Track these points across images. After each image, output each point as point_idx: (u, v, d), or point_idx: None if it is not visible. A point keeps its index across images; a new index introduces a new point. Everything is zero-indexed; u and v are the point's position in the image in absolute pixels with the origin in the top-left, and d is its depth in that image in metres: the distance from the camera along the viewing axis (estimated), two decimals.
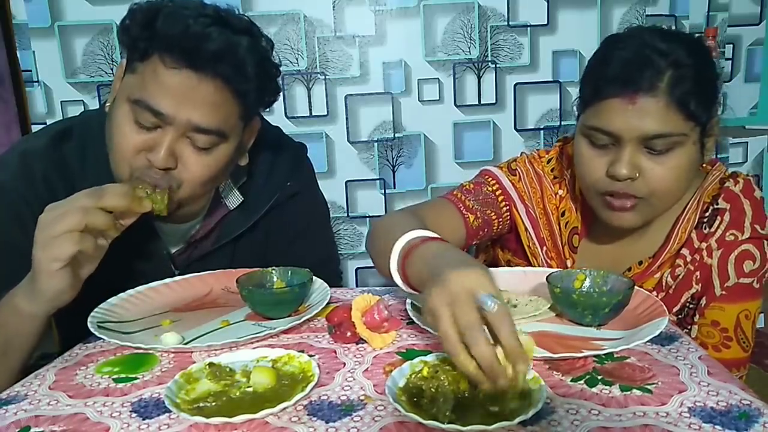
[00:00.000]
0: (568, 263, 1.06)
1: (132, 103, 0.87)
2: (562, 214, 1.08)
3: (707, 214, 0.98)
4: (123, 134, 0.88)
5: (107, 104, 0.95)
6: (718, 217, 0.97)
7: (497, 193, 1.09)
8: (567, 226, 1.07)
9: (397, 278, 0.79)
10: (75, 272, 0.79)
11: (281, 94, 0.99)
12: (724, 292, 0.96)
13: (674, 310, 0.98)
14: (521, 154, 1.14)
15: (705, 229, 0.97)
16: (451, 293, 0.61)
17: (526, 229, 1.08)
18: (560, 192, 1.08)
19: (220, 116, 0.88)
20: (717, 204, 0.98)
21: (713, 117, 0.93)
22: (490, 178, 1.10)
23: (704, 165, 1.02)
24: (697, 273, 0.98)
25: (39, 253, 0.76)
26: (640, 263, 1.01)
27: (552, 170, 1.10)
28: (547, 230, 1.08)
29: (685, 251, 0.98)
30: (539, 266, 1.08)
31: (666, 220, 1.01)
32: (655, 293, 0.98)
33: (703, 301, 0.97)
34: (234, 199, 1.06)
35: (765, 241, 0.97)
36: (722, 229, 0.96)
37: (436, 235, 0.79)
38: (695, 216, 0.98)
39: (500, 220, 1.08)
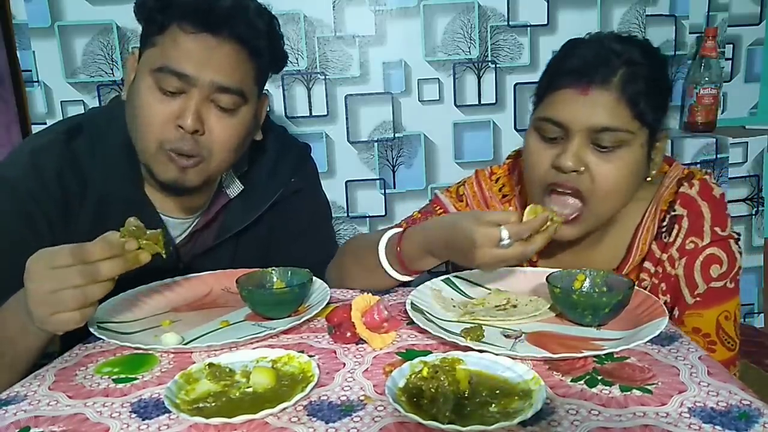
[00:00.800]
0: None
1: (155, 72, 0.91)
2: None
3: (665, 222, 0.96)
4: (148, 105, 0.91)
5: (123, 94, 0.98)
6: (676, 225, 0.95)
7: None
8: None
9: (386, 262, 0.94)
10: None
11: (288, 60, 1.05)
12: (698, 299, 0.95)
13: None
14: (474, 173, 1.16)
15: (665, 238, 0.96)
16: (488, 256, 0.82)
17: None
18: (510, 209, 1.08)
19: (239, 75, 0.93)
20: (674, 210, 0.96)
21: (663, 127, 0.94)
22: (438, 207, 1.14)
23: (654, 172, 1.00)
24: (662, 285, 0.96)
25: (38, 313, 0.73)
26: None
27: (501, 189, 1.11)
28: None
29: (648, 264, 0.97)
30: None
31: (625, 231, 0.99)
32: None
33: (676, 312, 0.96)
34: (235, 188, 1.08)
35: (730, 241, 0.95)
36: (682, 237, 0.95)
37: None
38: (654, 225, 0.97)
39: None
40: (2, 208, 0.94)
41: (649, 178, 0.96)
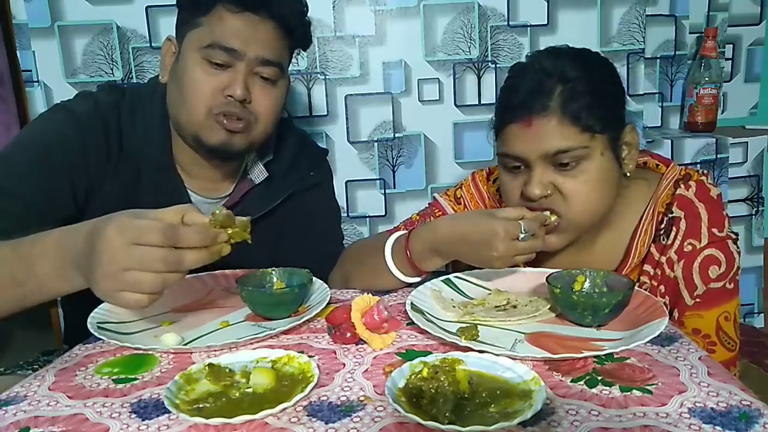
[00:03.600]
0: None
1: (204, 49, 0.98)
2: None
3: (663, 225, 0.97)
4: (198, 79, 0.99)
5: (160, 77, 1.06)
6: (674, 227, 0.95)
7: None
8: None
9: (392, 264, 0.97)
10: None
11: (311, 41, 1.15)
12: (697, 300, 0.95)
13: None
14: (470, 175, 1.20)
15: (663, 240, 0.96)
16: (506, 249, 0.85)
17: None
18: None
19: (278, 50, 1.03)
20: (671, 213, 0.96)
21: (622, 126, 0.94)
22: (436, 209, 1.17)
23: (657, 165, 1.03)
24: (662, 287, 0.97)
25: (104, 286, 0.69)
26: None
27: (498, 190, 1.12)
28: None
29: (647, 266, 0.98)
30: None
31: (623, 233, 1.00)
32: None
33: (675, 314, 0.96)
34: (259, 174, 1.14)
35: (728, 242, 0.95)
36: (680, 240, 0.95)
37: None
38: (652, 227, 0.98)
39: None
40: (67, 133, 1.00)
41: (627, 173, 0.97)
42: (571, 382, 0.67)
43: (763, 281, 1.78)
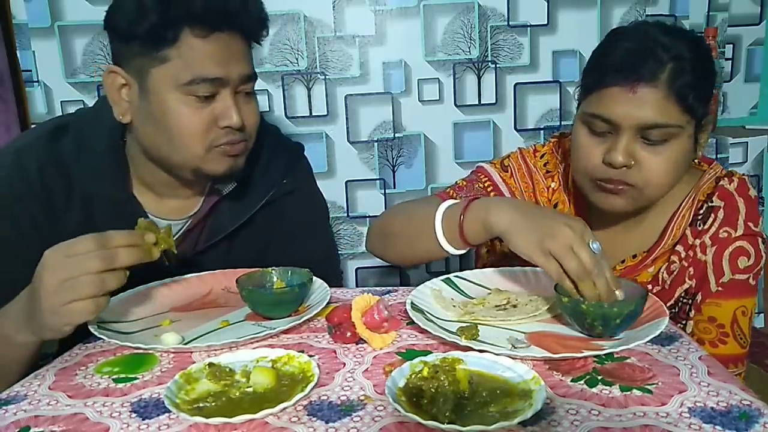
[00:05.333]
0: None
1: (185, 86, 0.90)
2: (555, 206, 1.11)
3: (702, 211, 0.99)
4: (187, 118, 0.92)
5: (121, 118, 0.95)
6: (712, 215, 0.98)
7: (488, 189, 1.13)
8: None
9: (445, 243, 0.92)
10: None
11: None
12: (720, 288, 0.97)
13: (668, 304, 0.99)
14: (516, 149, 1.18)
15: (699, 226, 0.99)
16: (570, 239, 0.78)
17: None
18: (552, 185, 1.12)
19: (250, 62, 0.98)
20: (711, 202, 0.99)
21: (708, 113, 0.95)
22: (483, 176, 1.15)
23: (700, 163, 1.05)
24: (691, 269, 0.99)
25: (49, 304, 0.73)
26: (634, 257, 1.03)
27: (545, 164, 1.14)
28: None
29: (679, 248, 1.00)
30: None
31: (661, 217, 1.02)
32: (650, 287, 1.00)
33: (699, 297, 0.98)
34: (227, 185, 1.06)
35: (759, 239, 0.98)
36: (716, 227, 0.97)
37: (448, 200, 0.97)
38: (690, 213, 1.00)
39: None
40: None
41: (696, 160, 0.99)
42: (572, 381, 0.67)
43: (763, 281, 1.78)
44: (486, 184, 1.13)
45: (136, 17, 0.88)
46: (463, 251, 0.94)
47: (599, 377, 0.68)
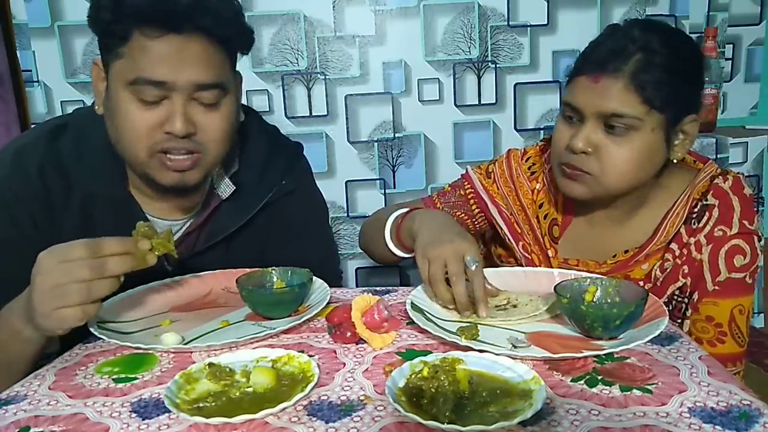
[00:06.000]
0: (550, 253, 1.09)
1: (130, 85, 0.87)
2: (540, 206, 1.12)
3: (696, 209, 1.00)
4: (132, 118, 0.89)
5: (96, 107, 0.96)
6: (707, 213, 0.98)
7: (469, 195, 1.19)
8: (546, 218, 1.11)
9: (390, 243, 1.07)
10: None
11: (254, 36, 1.01)
12: (716, 288, 0.97)
13: (661, 301, 0.99)
14: (506, 152, 1.21)
15: (694, 224, 0.99)
16: (447, 252, 0.87)
17: (500, 227, 1.16)
18: (537, 186, 1.14)
19: (215, 69, 0.91)
20: (706, 200, 0.99)
21: (685, 112, 0.96)
22: (466, 182, 1.21)
23: (695, 162, 1.06)
24: (684, 267, 0.99)
25: (41, 308, 0.74)
26: (626, 252, 1.03)
27: (530, 167, 1.16)
28: (526, 225, 1.14)
29: (674, 245, 1.00)
30: (519, 260, 1.13)
31: (655, 214, 1.03)
32: (643, 284, 1.00)
33: (696, 296, 0.99)
34: (226, 188, 1.06)
35: (755, 237, 0.98)
36: (711, 225, 0.98)
37: (419, 206, 1.12)
38: (684, 211, 1.00)
39: (473, 219, 1.20)
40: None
41: (675, 160, 1.00)
42: (571, 381, 0.67)
43: (763, 281, 1.78)
44: (468, 191, 1.19)
45: (95, 14, 0.89)
46: (408, 255, 1.06)
47: (599, 377, 0.68)
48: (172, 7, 0.86)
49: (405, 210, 1.08)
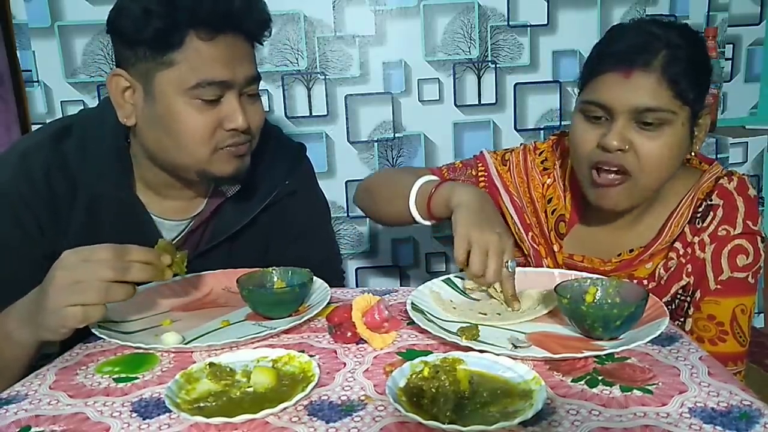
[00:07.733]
0: (555, 248, 1.10)
1: (191, 90, 0.90)
2: (549, 201, 1.12)
3: (701, 209, 1.00)
4: (194, 122, 0.91)
5: (125, 121, 0.95)
6: (711, 213, 0.99)
7: (480, 178, 1.17)
8: (554, 213, 1.11)
9: (414, 210, 1.04)
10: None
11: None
12: (719, 286, 0.98)
13: (664, 300, 1.00)
14: (521, 145, 1.21)
15: (698, 223, 1.00)
16: (491, 244, 0.87)
17: (511, 215, 1.15)
18: (548, 181, 1.14)
19: (254, 62, 0.98)
20: (710, 200, 1.00)
21: (703, 106, 0.97)
22: (480, 164, 1.19)
23: (700, 163, 1.07)
24: (688, 266, 1.00)
25: (53, 303, 0.75)
26: (631, 251, 1.03)
27: (543, 162, 1.16)
28: (534, 217, 1.14)
29: (678, 245, 1.00)
30: (527, 250, 1.13)
31: (660, 214, 1.03)
32: (647, 283, 1.01)
33: (698, 295, 0.99)
34: (230, 187, 1.06)
35: (758, 237, 0.99)
36: (715, 225, 0.98)
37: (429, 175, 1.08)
38: (689, 211, 1.01)
39: None
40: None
41: (693, 153, 1.01)
42: (572, 381, 0.67)
43: (763, 281, 1.78)
44: (480, 172, 1.18)
45: (141, 22, 0.87)
46: (427, 222, 1.05)
47: (600, 377, 0.68)
48: (228, 9, 0.90)
49: (433, 178, 1.06)
